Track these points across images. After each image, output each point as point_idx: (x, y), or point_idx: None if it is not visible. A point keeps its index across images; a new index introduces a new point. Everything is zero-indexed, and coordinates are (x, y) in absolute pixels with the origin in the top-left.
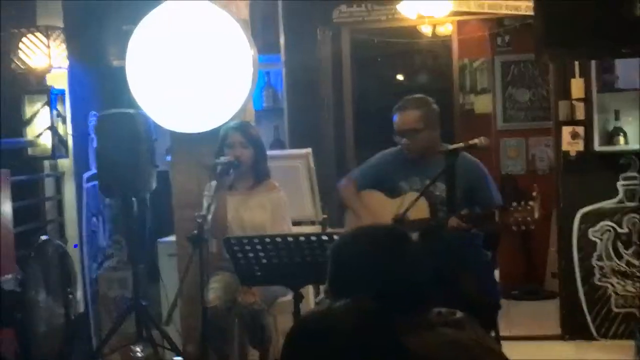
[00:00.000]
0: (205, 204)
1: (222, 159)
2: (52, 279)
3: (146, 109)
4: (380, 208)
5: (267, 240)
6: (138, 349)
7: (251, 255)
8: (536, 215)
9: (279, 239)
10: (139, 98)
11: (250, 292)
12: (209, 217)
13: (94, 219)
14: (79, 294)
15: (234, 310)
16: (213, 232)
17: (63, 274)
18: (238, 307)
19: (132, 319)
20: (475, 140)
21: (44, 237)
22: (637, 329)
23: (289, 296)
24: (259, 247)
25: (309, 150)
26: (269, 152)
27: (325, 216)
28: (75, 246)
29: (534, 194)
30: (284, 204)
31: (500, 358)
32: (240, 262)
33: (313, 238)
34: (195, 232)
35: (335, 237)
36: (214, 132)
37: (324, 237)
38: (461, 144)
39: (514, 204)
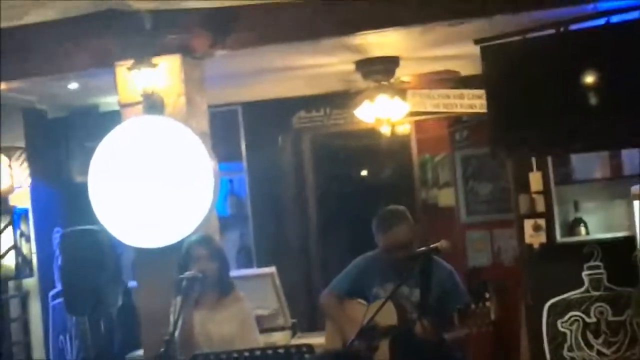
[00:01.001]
0: (172, 320)
1: (187, 274)
2: None
3: (108, 225)
4: (358, 316)
5: (235, 355)
6: None
7: None
8: (492, 316)
9: (246, 354)
10: (100, 214)
11: None
12: (176, 333)
13: (61, 337)
14: None
15: None
16: (181, 349)
17: None
18: None
19: None
20: (437, 244)
21: None
22: None
23: None
24: None
25: (273, 269)
26: (236, 272)
27: (294, 321)
28: None
29: (487, 295)
30: (251, 314)
31: None
32: None
33: (280, 350)
34: (163, 349)
35: (303, 349)
36: (177, 246)
37: (292, 350)
38: (424, 248)
39: (472, 306)
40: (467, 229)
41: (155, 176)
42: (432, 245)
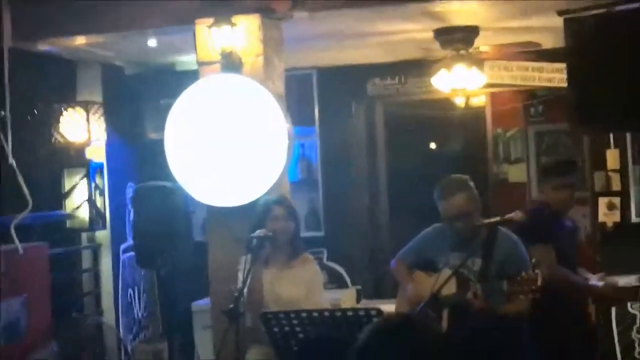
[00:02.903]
0: (240, 278)
1: (258, 232)
2: (87, 353)
3: (183, 182)
4: (423, 286)
5: (304, 315)
6: None
7: (287, 329)
8: (539, 282)
9: (315, 314)
10: (176, 171)
11: None
12: (245, 291)
13: (130, 291)
14: None
15: None
16: (248, 306)
17: (98, 348)
18: None
19: None
20: (512, 215)
21: (76, 314)
22: None
23: None
24: (295, 321)
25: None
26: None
27: (358, 287)
28: None
29: (533, 260)
30: (319, 277)
31: None
32: (277, 337)
33: (349, 313)
34: (232, 306)
35: (372, 312)
36: (249, 206)
37: (360, 312)
38: (497, 218)
39: (523, 273)
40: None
41: (231, 135)
42: (507, 216)
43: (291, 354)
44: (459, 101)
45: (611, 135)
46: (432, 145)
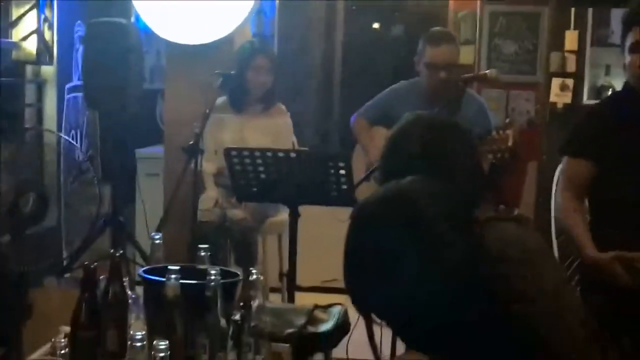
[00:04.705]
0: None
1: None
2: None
3: (146, 18)
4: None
5: (269, 154)
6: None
7: (250, 168)
8: (509, 142)
9: (280, 154)
10: (138, 6)
11: (241, 208)
12: (205, 130)
13: (72, 132)
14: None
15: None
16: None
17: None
18: (228, 222)
19: (105, 236)
20: (486, 71)
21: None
22: None
23: (279, 217)
24: (259, 161)
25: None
26: None
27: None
28: None
29: (507, 120)
30: (290, 128)
31: (553, 259)
32: (237, 175)
33: (316, 156)
34: (192, 142)
35: (339, 156)
36: (210, 48)
37: (328, 157)
38: (472, 74)
39: (493, 132)
40: (485, 86)
41: None
42: (480, 72)
43: (250, 194)
44: None
45: (572, 16)
46: (387, 19)
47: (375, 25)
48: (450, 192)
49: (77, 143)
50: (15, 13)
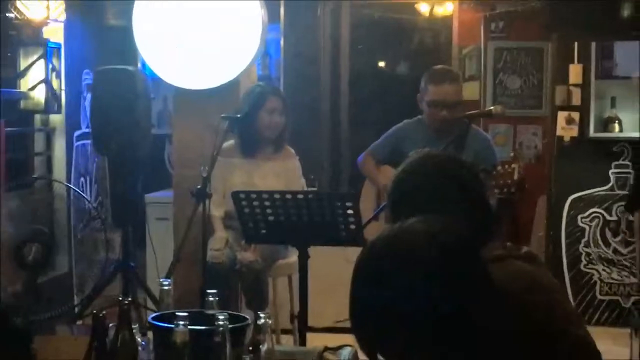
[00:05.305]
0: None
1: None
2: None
3: (153, 65)
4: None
5: (276, 196)
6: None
7: (258, 211)
8: (515, 176)
9: (288, 196)
10: (145, 54)
11: (251, 250)
12: (213, 173)
13: (82, 179)
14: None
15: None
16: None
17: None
18: (238, 265)
19: (116, 282)
20: (491, 108)
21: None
22: (634, 315)
23: (289, 259)
24: (267, 202)
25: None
26: None
27: (315, 189)
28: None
29: (512, 154)
30: (299, 170)
31: (567, 297)
32: (246, 217)
33: (323, 196)
34: (199, 186)
35: (347, 196)
36: (218, 90)
37: (335, 197)
38: (477, 111)
39: (499, 167)
40: (491, 121)
41: (203, 17)
42: (485, 109)
43: (259, 236)
44: (424, 9)
45: (575, 50)
46: (393, 57)
47: (381, 64)
48: (455, 231)
49: (86, 189)
50: (23, 63)
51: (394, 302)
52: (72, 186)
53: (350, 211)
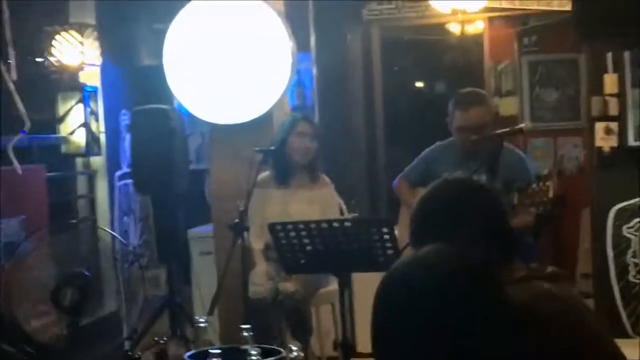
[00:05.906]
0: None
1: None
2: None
3: (186, 103)
4: None
5: (312, 226)
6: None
7: (295, 241)
8: (550, 194)
9: (324, 225)
10: (177, 93)
11: (292, 281)
12: (250, 205)
13: (125, 218)
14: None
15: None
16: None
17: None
18: (279, 296)
19: (165, 318)
20: (522, 125)
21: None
22: None
23: (331, 287)
24: (303, 233)
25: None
26: None
27: (356, 215)
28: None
29: (546, 172)
30: (335, 197)
31: (593, 315)
32: (284, 248)
33: (359, 223)
34: (237, 220)
35: (383, 222)
36: (251, 124)
37: (371, 222)
38: (507, 129)
39: (534, 185)
40: (530, 136)
41: (233, 53)
42: (516, 127)
43: (298, 266)
44: (455, 28)
45: (609, 60)
46: (427, 77)
47: (418, 84)
48: (470, 259)
49: (130, 228)
50: (62, 108)
51: (410, 332)
52: (107, 229)
53: (386, 236)
